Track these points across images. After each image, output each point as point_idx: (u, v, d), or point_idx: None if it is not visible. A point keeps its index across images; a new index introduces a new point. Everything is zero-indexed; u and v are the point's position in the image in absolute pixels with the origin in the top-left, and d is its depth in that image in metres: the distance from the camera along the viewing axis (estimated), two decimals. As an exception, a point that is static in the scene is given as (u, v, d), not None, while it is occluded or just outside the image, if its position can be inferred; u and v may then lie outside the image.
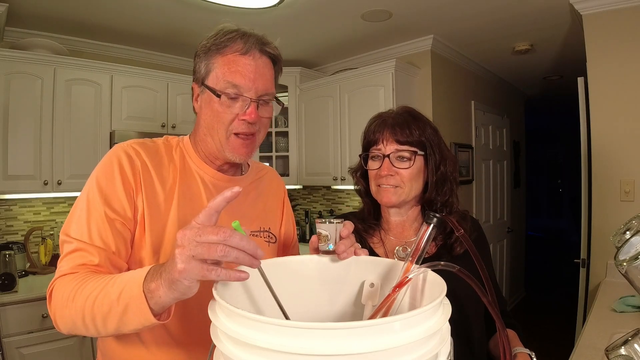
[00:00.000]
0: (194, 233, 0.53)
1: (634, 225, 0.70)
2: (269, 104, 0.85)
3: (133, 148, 0.82)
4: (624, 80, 2.14)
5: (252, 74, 0.81)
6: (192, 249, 0.52)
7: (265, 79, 0.83)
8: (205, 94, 0.83)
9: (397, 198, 0.95)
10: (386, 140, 0.95)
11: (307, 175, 3.36)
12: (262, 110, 0.83)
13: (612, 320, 1.51)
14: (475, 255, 0.57)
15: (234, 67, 0.80)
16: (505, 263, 4.13)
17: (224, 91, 0.80)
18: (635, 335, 0.67)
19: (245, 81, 0.80)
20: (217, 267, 0.53)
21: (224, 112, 0.81)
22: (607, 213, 2.18)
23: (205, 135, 0.85)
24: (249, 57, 0.81)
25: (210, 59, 0.83)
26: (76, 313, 0.65)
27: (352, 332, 0.39)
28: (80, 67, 2.49)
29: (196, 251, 0.52)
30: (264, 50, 0.84)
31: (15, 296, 2.00)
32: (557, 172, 8.31)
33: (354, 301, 0.68)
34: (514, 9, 2.42)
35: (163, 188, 0.82)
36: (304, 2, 2.33)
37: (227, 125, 0.81)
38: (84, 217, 0.75)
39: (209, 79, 0.82)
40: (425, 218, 0.62)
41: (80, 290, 0.65)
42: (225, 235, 0.51)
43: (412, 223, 1.02)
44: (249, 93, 0.80)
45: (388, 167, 0.94)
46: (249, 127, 0.82)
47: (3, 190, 2.28)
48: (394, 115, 0.98)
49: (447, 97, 3.17)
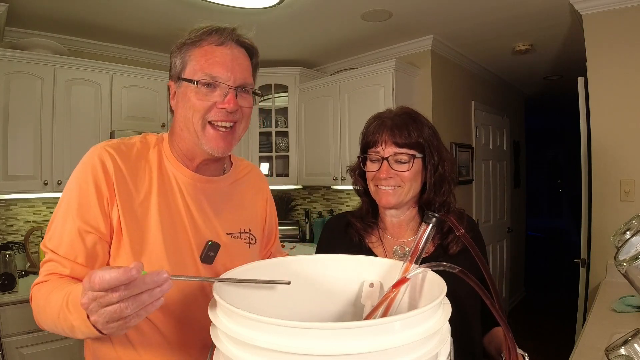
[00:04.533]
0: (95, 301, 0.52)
1: (634, 225, 0.70)
2: (249, 93, 0.83)
3: (107, 152, 0.80)
4: (624, 80, 2.14)
5: (230, 62, 0.79)
6: (103, 316, 0.52)
7: (242, 68, 0.81)
8: (182, 88, 0.81)
9: (396, 199, 0.95)
10: (385, 143, 0.94)
11: (307, 175, 3.36)
12: (241, 99, 0.81)
13: (612, 320, 1.51)
14: (477, 256, 0.57)
15: (211, 57, 0.79)
16: (505, 263, 4.13)
17: (200, 80, 0.78)
18: (635, 335, 0.67)
19: (223, 70, 0.78)
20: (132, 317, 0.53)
21: (201, 100, 0.78)
22: (607, 213, 2.18)
23: (182, 130, 0.83)
24: (225, 48, 0.80)
25: (186, 52, 0.82)
26: (51, 321, 0.68)
27: (352, 332, 0.39)
28: (80, 67, 2.49)
29: (108, 317, 0.52)
30: (239, 41, 0.83)
31: (15, 296, 2.00)
32: (557, 172, 8.30)
33: (354, 301, 0.68)
34: (514, 9, 2.42)
35: (138, 193, 0.80)
36: (304, 2, 2.32)
37: (204, 114, 0.79)
38: (59, 228, 0.76)
39: (186, 72, 0.81)
40: (425, 218, 0.62)
41: (47, 301, 0.68)
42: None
43: (409, 223, 1.02)
44: (227, 82, 0.79)
45: (387, 169, 0.94)
46: (228, 115, 0.80)
47: (3, 190, 2.28)
48: (393, 117, 0.98)
49: (447, 97, 3.17)
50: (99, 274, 0.49)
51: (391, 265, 0.65)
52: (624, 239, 0.69)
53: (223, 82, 0.78)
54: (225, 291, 0.55)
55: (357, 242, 1.01)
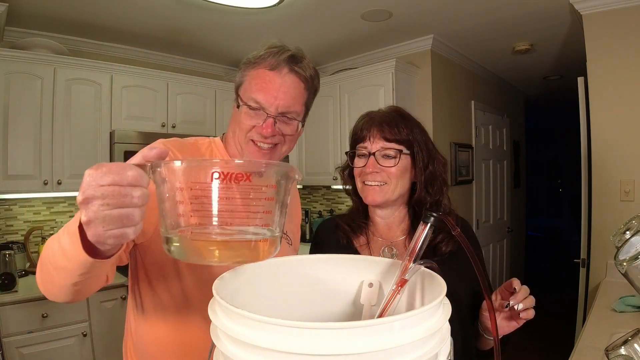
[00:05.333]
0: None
1: (634, 225, 0.70)
2: (293, 120, 0.88)
3: (171, 151, 0.83)
4: (624, 80, 2.14)
5: (275, 91, 0.84)
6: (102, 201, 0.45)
7: (289, 97, 0.86)
8: (237, 103, 0.90)
9: (382, 197, 0.94)
10: (373, 137, 0.95)
11: (307, 175, 3.36)
12: (282, 126, 0.87)
13: (612, 320, 1.51)
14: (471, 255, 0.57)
15: (260, 82, 0.85)
16: (505, 263, 4.13)
17: (247, 103, 0.85)
18: (635, 335, 0.67)
19: (267, 97, 0.84)
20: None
21: (245, 120, 0.86)
22: (607, 213, 2.18)
23: (231, 138, 0.91)
24: (275, 74, 0.85)
25: (245, 70, 0.89)
26: (47, 270, 0.61)
27: (352, 332, 0.39)
28: (80, 67, 2.49)
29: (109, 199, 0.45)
30: (293, 70, 0.87)
31: (15, 296, 2.00)
32: (557, 172, 8.31)
33: (354, 301, 0.68)
34: (514, 8, 2.42)
35: None
36: (304, 2, 2.32)
37: (246, 132, 0.87)
38: None
39: (241, 89, 0.89)
40: (423, 217, 0.62)
41: (45, 250, 0.62)
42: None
43: (400, 224, 1.01)
44: (269, 109, 0.84)
45: (373, 164, 0.94)
46: (266, 139, 0.86)
47: (3, 190, 2.28)
48: (382, 114, 0.98)
49: (447, 97, 3.17)
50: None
51: (390, 265, 0.65)
52: (624, 239, 0.69)
53: (265, 109, 0.84)
54: (226, 290, 0.55)
55: (344, 244, 1.01)
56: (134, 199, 0.45)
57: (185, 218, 0.48)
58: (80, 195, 0.45)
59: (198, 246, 0.49)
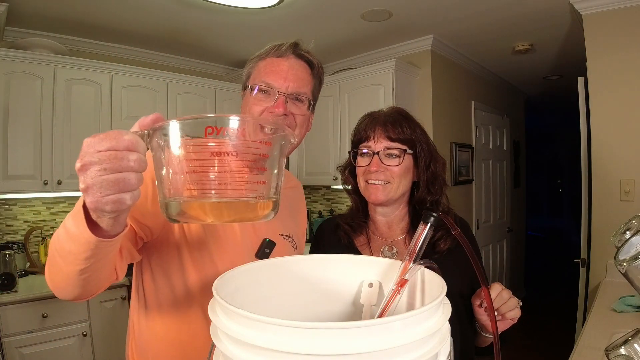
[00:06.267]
0: None
1: (634, 225, 0.70)
2: (303, 102, 0.89)
3: None
4: (624, 80, 2.14)
5: (285, 72, 0.86)
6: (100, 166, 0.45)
7: (298, 79, 0.88)
8: (245, 95, 0.90)
9: (385, 195, 0.95)
10: (377, 137, 0.96)
11: (307, 175, 3.36)
12: (293, 106, 0.87)
13: (612, 320, 1.51)
14: (471, 254, 0.57)
15: (269, 67, 0.87)
16: (505, 263, 4.13)
17: (258, 85, 0.86)
18: (635, 335, 0.67)
19: (277, 78, 0.85)
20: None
21: (256, 104, 0.86)
22: (607, 213, 2.18)
23: None
24: (283, 59, 0.88)
25: (251, 65, 0.92)
26: (54, 260, 0.61)
27: (352, 332, 0.39)
28: (80, 67, 2.49)
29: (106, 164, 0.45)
30: (299, 54, 0.90)
31: (15, 296, 2.00)
32: (557, 172, 8.31)
33: (354, 301, 0.68)
34: (514, 9, 2.42)
35: None
36: (303, 2, 2.32)
37: (256, 116, 0.85)
38: None
39: (249, 79, 0.91)
40: (423, 217, 0.62)
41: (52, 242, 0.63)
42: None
43: (399, 223, 1.02)
44: (280, 89, 0.85)
45: (377, 163, 0.94)
46: None
47: (3, 190, 2.28)
48: (386, 114, 1.00)
49: (447, 97, 3.17)
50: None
51: (390, 264, 0.65)
52: (624, 239, 0.69)
53: (275, 88, 0.85)
54: (226, 290, 0.55)
55: (345, 243, 1.01)
56: (130, 162, 0.46)
57: (184, 178, 0.49)
58: (78, 163, 0.46)
59: (197, 206, 0.50)
